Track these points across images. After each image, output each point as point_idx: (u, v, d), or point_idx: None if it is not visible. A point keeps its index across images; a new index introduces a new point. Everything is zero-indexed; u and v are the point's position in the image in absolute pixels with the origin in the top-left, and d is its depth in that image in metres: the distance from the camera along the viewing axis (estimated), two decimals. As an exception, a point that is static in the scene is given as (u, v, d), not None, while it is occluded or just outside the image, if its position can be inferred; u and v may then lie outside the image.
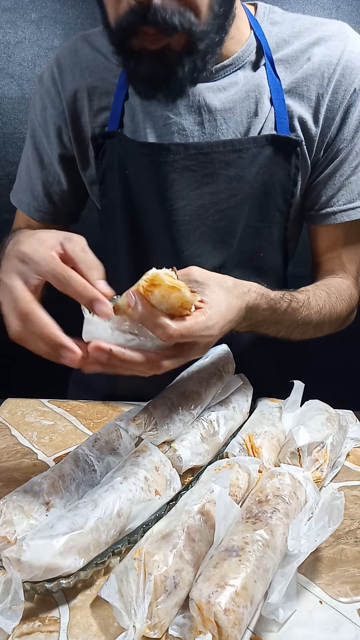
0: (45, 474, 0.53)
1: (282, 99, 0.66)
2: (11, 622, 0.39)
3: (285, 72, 0.66)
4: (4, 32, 1.28)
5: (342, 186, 0.70)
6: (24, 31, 1.28)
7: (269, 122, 0.67)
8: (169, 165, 0.67)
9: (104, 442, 0.58)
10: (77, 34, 0.75)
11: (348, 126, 0.67)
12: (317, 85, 0.65)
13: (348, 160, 0.68)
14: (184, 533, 0.44)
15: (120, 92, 0.69)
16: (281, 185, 0.69)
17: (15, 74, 1.30)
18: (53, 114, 0.74)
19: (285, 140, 0.66)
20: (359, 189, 0.69)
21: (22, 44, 1.29)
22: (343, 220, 0.70)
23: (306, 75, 0.66)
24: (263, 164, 0.67)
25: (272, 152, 0.66)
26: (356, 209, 0.70)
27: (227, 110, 0.66)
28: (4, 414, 0.73)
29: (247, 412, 0.69)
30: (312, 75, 0.65)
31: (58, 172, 0.77)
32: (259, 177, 0.67)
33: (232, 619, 0.38)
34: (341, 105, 0.66)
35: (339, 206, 0.70)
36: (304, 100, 0.66)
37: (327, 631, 0.42)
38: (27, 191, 0.79)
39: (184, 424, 0.61)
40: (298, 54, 0.66)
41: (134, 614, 0.40)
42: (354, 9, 1.25)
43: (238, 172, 0.67)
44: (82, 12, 1.26)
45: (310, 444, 0.56)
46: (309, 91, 0.66)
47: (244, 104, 0.67)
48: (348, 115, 0.66)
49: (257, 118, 0.67)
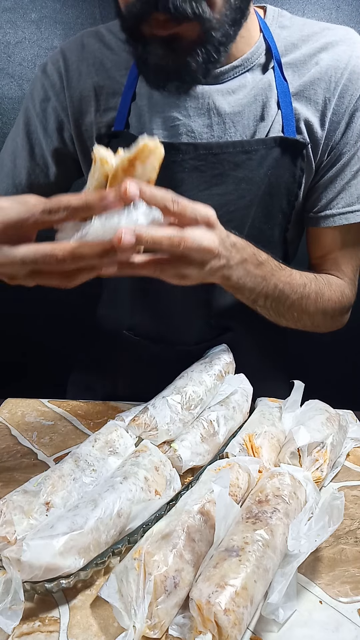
0: (45, 474, 0.53)
1: (289, 102, 0.66)
2: (11, 622, 0.39)
3: (293, 76, 0.66)
4: (4, 32, 1.28)
5: (342, 189, 0.70)
6: (24, 31, 1.28)
7: (276, 125, 0.67)
8: (178, 164, 0.66)
9: (104, 442, 0.58)
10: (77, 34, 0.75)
11: (352, 130, 0.67)
12: (325, 90, 0.66)
13: (350, 164, 0.69)
14: (184, 533, 0.44)
15: (128, 92, 0.69)
16: (286, 187, 0.69)
17: (15, 74, 1.31)
18: (56, 108, 0.72)
19: (292, 142, 0.66)
20: (358, 193, 0.70)
21: (22, 44, 1.29)
22: (341, 223, 0.70)
23: (314, 79, 0.66)
24: (271, 165, 0.67)
25: (279, 154, 0.66)
26: (355, 213, 0.70)
27: (236, 113, 0.66)
28: (4, 414, 0.73)
29: (247, 412, 0.69)
30: (319, 79, 0.65)
31: (48, 164, 0.75)
32: (266, 179, 0.67)
33: (232, 619, 0.38)
34: (347, 110, 0.66)
35: (338, 209, 0.70)
36: (311, 103, 0.66)
37: (327, 631, 0.42)
38: (8, 178, 0.77)
39: (184, 424, 0.61)
40: (306, 58, 0.66)
41: (134, 614, 0.40)
42: (354, 9, 1.25)
43: (247, 174, 0.67)
44: (82, 12, 1.26)
45: (310, 444, 0.56)
46: (316, 95, 0.66)
47: (252, 107, 0.67)
48: (353, 119, 0.67)
49: (263, 122, 0.67)
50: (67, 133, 0.74)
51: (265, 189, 0.68)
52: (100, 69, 0.70)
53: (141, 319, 0.79)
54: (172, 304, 0.75)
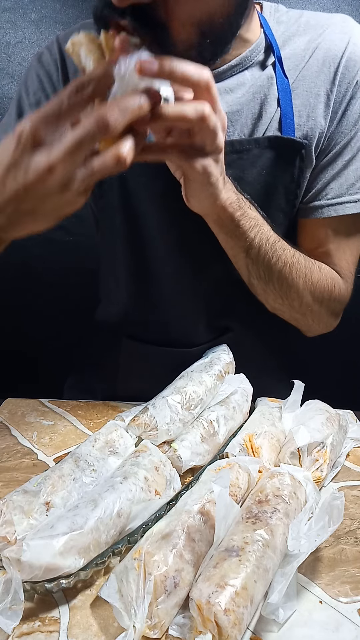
0: (45, 474, 0.53)
1: (289, 100, 0.65)
2: (11, 622, 0.39)
3: (292, 70, 0.65)
4: (4, 32, 1.27)
5: (332, 179, 0.67)
6: (24, 31, 1.27)
7: (274, 123, 0.66)
8: None
9: (104, 442, 0.58)
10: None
11: (347, 119, 0.65)
12: (324, 81, 0.64)
13: (342, 153, 0.67)
14: (184, 533, 0.44)
15: None
16: (284, 187, 0.67)
17: (15, 74, 1.30)
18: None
19: (288, 142, 0.65)
20: (348, 184, 0.67)
21: (22, 44, 1.29)
22: (329, 215, 0.68)
23: (312, 71, 0.65)
24: (265, 165, 0.66)
25: (274, 154, 0.65)
26: (344, 204, 0.67)
27: (234, 112, 0.66)
28: (4, 414, 0.73)
29: (247, 412, 0.69)
30: (317, 71, 0.64)
31: None
32: (261, 179, 0.66)
33: (232, 619, 0.38)
34: (344, 98, 0.65)
35: (327, 200, 0.68)
36: (312, 97, 0.65)
37: (327, 631, 0.42)
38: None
39: (184, 424, 0.61)
40: (303, 51, 0.65)
41: (134, 614, 0.40)
42: (354, 9, 1.25)
43: (238, 174, 0.66)
44: (82, 12, 1.26)
45: (310, 444, 0.56)
46: (317, 87, 0.65)
47: (250, 105, 0.66)
48: (349, 107, 0.65)
49: (261, 120, 0.66)
50: None
51: (261, 188, 0.67)
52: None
53: (141, 319, 0.79)
54: (172, 304, 0.75)
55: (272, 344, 0.85)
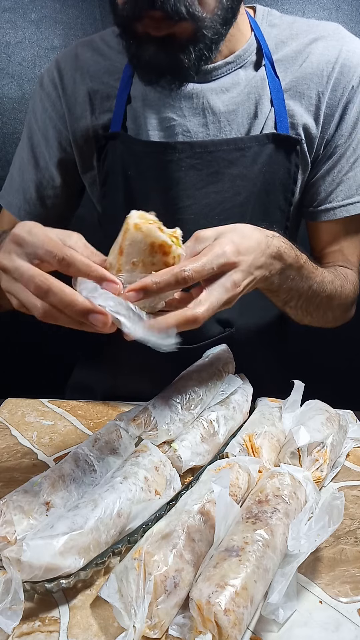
0: (45, 474, 0.53)
1: (282, 99, 0.67)
2: (11, 622, 0.39)
3: (285, 72, 0.67)
4: (4, 32, 1.27)
5: (340, 182, 0.70)
6: (24, 31, 1.28)
7: (270, 122, 0.68)
8: (175, 163, 0.67)
9: (104, 442, 0.58)
10: (77, 34, 0.76)
11: (346, 122, 0.68)
12: (317, 84, 0.66)
13: (346, 156, 0.69)
14: (184, 533, 0.44)
15: (122, 94, 0.70)
16: (282, 183, 0.69)
17: (15, 74, 1.30)
18: (53, 117, 0.74)
19: (285, 138, 0.67)
20: (357, 184, 0.70)
21: (22, 44, 1.29)
22: (342, 216, 0.71)
23: (305, 74, 0.66)
24: (265, 162, 0.67)
25: (273, 150, 0.67)
26: (355, 204, 0.71)
27: (230, 112, 0.67)
28: (4, 414, 0.73)
29: (247, 412, 0.69)
30: (311, 74, 0.66)
31: (54, 175, 0.77)
32: (261, 176, 0.68)
33: (232, 619, 0.38)
34: (340, 102, 0.67)
35: (338, 202, 0.71)
36: (304, 98, 0.67)
37: (327, 631, 0.42)
38: (19, 193, 0.79)
39: (184, 424, 0.61)
40: (296, 54, 0.67)
41: (134, 614, 0.40)
42: (354, 9, 1.25)
43: (241, 171, 0.67)
44: (82, 12, 1.26)
45: (310, 444, 0.56)
46: (309, 89, 0.67)
47: (246, 105, 0.67)
48: (346, 111, 0.67)
49: (257, 119, 0.68)
50: (65, 141, 0.75)
51: (261, 185, 0.69)
52: (93, 75, 0.71)
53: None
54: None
55: (272, 344, 0.85)
